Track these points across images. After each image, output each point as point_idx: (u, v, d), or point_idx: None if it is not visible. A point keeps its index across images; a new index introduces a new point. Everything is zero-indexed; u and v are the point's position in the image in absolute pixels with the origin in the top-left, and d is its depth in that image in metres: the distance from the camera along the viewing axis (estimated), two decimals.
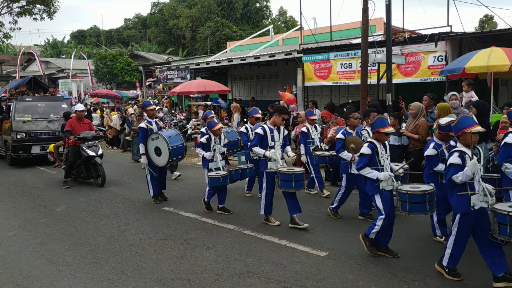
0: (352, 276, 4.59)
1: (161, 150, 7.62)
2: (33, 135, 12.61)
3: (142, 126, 7.88)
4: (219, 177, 6.82)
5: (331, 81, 14.02)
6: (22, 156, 12.54)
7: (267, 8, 48.99)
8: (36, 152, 12.60)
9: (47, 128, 12.93)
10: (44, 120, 13.07)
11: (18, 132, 12.46)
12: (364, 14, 10.63)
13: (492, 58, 8.15)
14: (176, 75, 20.39)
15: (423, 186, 5.08)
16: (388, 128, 5.20)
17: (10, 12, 26.26)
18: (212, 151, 7.16)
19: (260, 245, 5.60)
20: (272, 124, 6.43)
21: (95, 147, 9.68)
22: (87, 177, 9.93)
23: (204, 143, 7.16)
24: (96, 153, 9.57)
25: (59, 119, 12.75)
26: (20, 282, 4.72)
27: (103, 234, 6.26)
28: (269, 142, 6.30)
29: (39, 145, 12.61)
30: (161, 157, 7.66)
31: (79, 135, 9.57)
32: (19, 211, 7.71)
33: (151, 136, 7.73)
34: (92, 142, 9.72)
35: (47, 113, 13.35)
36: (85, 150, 9.49)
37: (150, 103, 8.55)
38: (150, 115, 8.11)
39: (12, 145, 12.50)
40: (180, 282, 4.58)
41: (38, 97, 14.27)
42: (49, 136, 12.69)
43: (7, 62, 40.89)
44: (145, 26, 53.94)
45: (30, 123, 12.77)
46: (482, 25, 42.80)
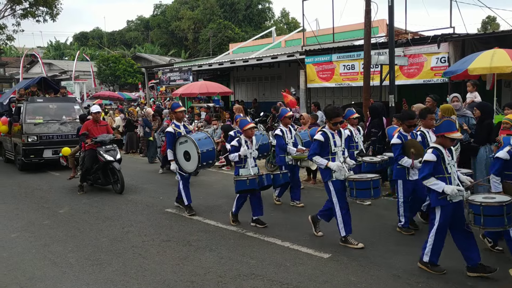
0: (355, 278, 4.58)
1: (190, 154, 7.00)
2: (45, 138, 11.94)
3: (169, 130, 7.30)
4: (245, 179, 6.14)
5: (334, 83, 14.01)
6: (33, 161, 11.88)
7: (269, 9, 49.02)
8: (48, 156, 11.95)
9: (60, 130, 12.24)
10: (56, 122, 12.32)
11: (29, 135, 11.80)
12: (366, 16, 10.63)
13: (495, 60, 8.13)
14: (178, 77, 20.42)
15: (498, 196, 4.55)
16: (456, 133, 4.64)
17: (13, 14, 26.38)
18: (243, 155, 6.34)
19: (263, 247, 5.60)
20: (331, 128, 5.65)
21: (113, 151, 9.11)
22: (105, 183, 9.35)
23: (236, 147, 6.38)
24: (114, 157, 8.99)
25: (72, 121, 12.34)
26: (24, 283, 4.73)
27: (106, 236, 6.27)
28: (332, 148, 5.55)
29: (51, 149, 11.97)
30: (190, 162, 7.04)
31: (96, 139, 9.02)
32: (22, 213, 7.73)
33: (179, 140, 7.14)
34: (110, 146, 9.14)
35: (59, 115, 12.64)
36: (102, 155, 8.94)
37: (179, 104, 7.73)
38: (179, 118, 7.46)
39: (23, 149, 11.79)
40: (183, 284, 4.58)
41: (49, 98, 13.56)
42: (61, 139, 12.01)
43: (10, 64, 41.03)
44: (148, 28, 54.06)
45: (42, 125, 12.08)
46: (484, 27, 42.70)
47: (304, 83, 14.77)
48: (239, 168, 6.39)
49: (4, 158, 14.13)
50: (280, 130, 7.47)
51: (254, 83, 21.76)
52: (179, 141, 7.14)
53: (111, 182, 9.26)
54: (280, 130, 7.48)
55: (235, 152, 6.33)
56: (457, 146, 6.93)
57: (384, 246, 5.49)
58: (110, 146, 9.13)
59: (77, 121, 11.87)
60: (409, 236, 5.89)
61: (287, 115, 7.60)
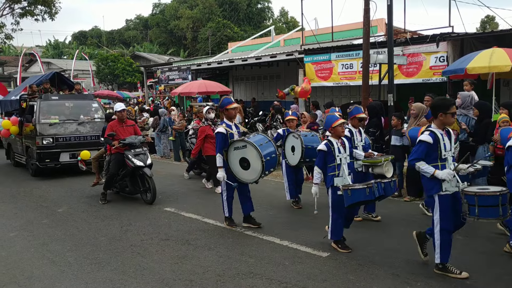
0: (354, 277, 4.58)
1: (249, 162, 5.95)
2: (61, 141, 10.75)
3: (220, 131, 6.13)
4: (363, 188, 4.88)
5: (332, 82, 14.01)
6: (49, 166, 10.61)
7: (268, 9, 49.04)
8: (65, 160, 10.74)
9: (77, 131, 11.03)
10: (73, 123, 11.11)
11: (44, 137, 10.55)
12: (365, 15, 10.62)
13: (494, 59, 8.14)
14: (177, 76, 20.41)
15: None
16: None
17: (12, 13, 26.33)
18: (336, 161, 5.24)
19: (261, 246, 5.60)
20: (440, 126, 4.56)
21: (143, 156, 8.05)
22: (133, 192, 8.35)
23: (325, 152, 5.26)
24: (145, 162, 7.93)
25: (91, 121, 11.33)
26: (22, 282, 4.73)
27: (104, 235, 6.27)
28: (442, 153, 4.48)
29: (69, 152, 10.77)
30: (249, 171, 6.00)
31: (124, 141, 7.98)
32: (21, 212, 7.72)
33: (234, 144, 6.05)
34: (140, 150, 8.10)
35: (76, 114, 11.42)
36: (131, 159, 7.89)
37: (231, 100, 6.34)
38: (231, 116, 6.28)
39: (37, 153, 10.53)
40: (182, 282, 4.58)
41: (64, 95, 12.25)
42: (79, 141, 10.92)
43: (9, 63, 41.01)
44: (147, 27, 54.04)
45: (58, 126, 10.85)
46: (483, 26, 42.73)
47: (302, 82, 14.76)
48: (333, 177, 5.22)
49: (13, 161, 13.04)
50: (349, 131, 6.31)
51: (253, 82, 21.75)
52: (234, 145, 6.06)
53: (140, 191, 8.18)
54: (349, 131, 6.31)
55: (323, 159, 5.28)
56: (457, 145, 6.94)
57: (383, 245, 5.49)
58: (139, 149, 8.11)
59: (96, 120, 11.32)
60: (408, 234, 5.89)
61: (359, 115, 6.39)
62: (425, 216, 6.68)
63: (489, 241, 5.50)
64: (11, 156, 13.18)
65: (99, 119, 11.39)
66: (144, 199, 8.08)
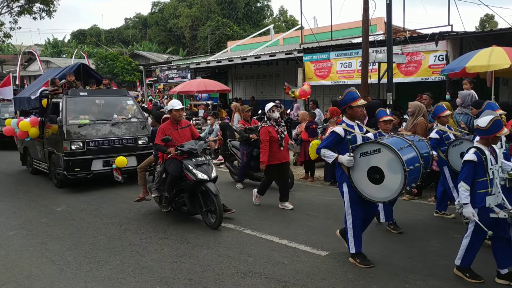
0: (353, 276, 4.59)
1: (383, 173, 4.48)
2: (92, 145, 9.00)
3: (337, 131, 4.82)
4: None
5: (331, 80, 14.02)
6: (79, 176, 8.90)
7: (268, 7, 48.99)
8: (98, 168, 9.04)
9: (111, 134, 9.31)
10: (106, 123, 9.38)
11: (73, 141, 8.83)
12: (364, 14, 10.63)
13: (493, 58, 8.15)
14: (176, 75, 20.39)
15: None
16: None
17: (10, 11, 26.29)
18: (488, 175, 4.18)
19: (260, 245, 5.60)
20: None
21: (207, 167, 6.41)
22: (192, 212, 6.70)
23: (475, 163, 4.16)
24: (209, 175, 6.32)
25: (126, 121, 9.67)
26: (21, 281, 4.72)
27: (103, 234, 6.26)
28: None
29: (102, 159, 9.06)
30: (381, 186, 4.53)
31: (182, 147, 6.42)
32: (20, 211, 7.71)
33: (362, 148, 4.62)
34: (202, 159, 6.49)
35: (108, 113, 9.76)
36: (191, 171, 6.28)
37: (357, 95, 4.95)
38: (356, 116, 4.99)
39: (65, 160, 8.79)
40: (181, 281, 4.58)
41: (95, 91, 10.45)
42: (114, 146, 9.22)
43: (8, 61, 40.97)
44: (146, 25, 53.97)
45: (88, 127, 9.11)
46: (482, 25, 42.74)
47: (302, 80, 14.76)
48: (484, 195, 4.17)
49: (31, 168, 11.28)
50: (437, 132, 5.74)
51: (252, 81, 21.75)
52: (361, 150, 4.63)
53: (202, 211, 6.51)
54: (437, 132, 5.76)
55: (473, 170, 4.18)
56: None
57: (382, 244, 5.49)
58: (202, 158, 6.50)
59: (132, 120, 9.75)
60: (407, 233, 5.90)
61: (443, 114, 5.98)
62: (425, 215, 6.69)
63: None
64: (28, 162, 11.52)
65: (136, 119, 9.88)
66: (206, 222, 6.43)
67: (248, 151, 8.81)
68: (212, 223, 6.31)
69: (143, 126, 9.79)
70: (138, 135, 9.56)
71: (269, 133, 7.11)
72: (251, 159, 8.80)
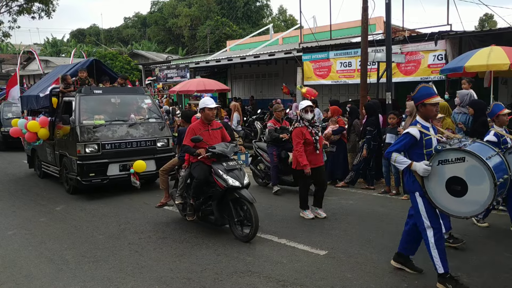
0: (351, 275, 4.59)
1: (466, 185, 3.93)
2: (108, 148, 8.30)
3: (412, 132, 4.24)
4: None
5: (331, 80, 14.02)
6: (94, 181, 8.18)
7: (267, 7, 49.03)
8: (114, 174, 8.33)
9: (129, 135, 8.58)
10: (123, 124, 8.66)
11: (87, 143, 8.14)
12: (364, 13, 10.63)
13: (492, 57, 8.16)
14: (175, 74, 20.39)
15: None
16: None
17: (9, 11, 26.28)
18: None
19: (259, 244, 5.60)
20: None
21: (238, 172, 5.79)
22: (220, 222, 5.97)
23: None
24: (241, 182, 5.69)
25: (145, 122, 8.93)
26: (20, 281, 4.72)
27: (102, 233, 6.26)
28: None
29: (118, 163, 8.35)
30: (464, 199, 3.96)
31: (213, 149, 5.81)
32: (19, 210, 7.71)
33: (442, 155, 4.03)
34: (234, 163, 5.89)
35: (124, 112, 9.04)
36: (222, 176, 5.68)
37: (433, 91, 4.41)
38: (430, 115, 4.38)
39: (79, 164, 8.08)
40: (179, 281, 4.58)
41: (110, 88, 9.61)
42: (131, 148, 8.52)
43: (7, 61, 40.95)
44: (145, 25, 53.97)
45: (104, 128, 8.40)
46: (482, 24, 42.80)
47: (301, 80, 14.77)
48: None
49: (40, 171, 10.58)
50: (495, 135, 5.41)
51: (252, 80, 21.75)
52: (440, 157, 4.04)
53: (232, 222, 5.83)
54: (495, 135, 5.43)
55: None
56: None
57: (381, 243, 5.50)
58: (233, 162, 5.91)
59: (151, 121, 9.04)
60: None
61: (502, 112, 5.54)
62: None
63: (486, 239, 5.51)
64: (37, 165, 10.84)
65: (154, 119, 9.17)
66: (235, 233, 5.78)
67: (278, 152, 8.36)
68: (245, 234, 5.65)
69: (162, 127, 9.12)
70: (157, 137, 8.86)
71: (302, 135, 6.51)
72: (280, 161, 8.38)
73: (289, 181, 8.34)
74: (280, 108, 8.82)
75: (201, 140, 5.84)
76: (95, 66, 10.62)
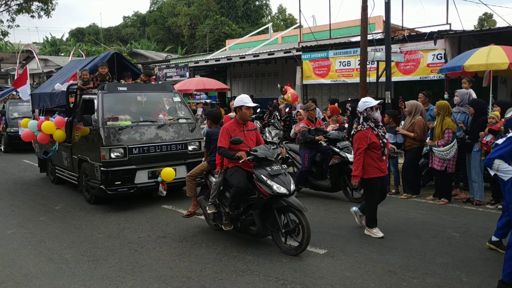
0: (350, 274, 4.60)
1: None
2: (136, 152, 7.37)
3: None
4: None
5: (330, 79, 14.03)
6: (120, 191, 7.27)
7: (266, 6, 49.00)
8: (142, 181, 7.42)
9: (158, 138, 7.67)
10: (151, 125, 7.76)
11: (112, 147, 7.20)
12: (363, 12, 10.64)
13: (491, 56, 8.16)
14: (175, 73, 20.38)
15: None
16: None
17: (8, 10, 26.24)
18: None
19: (259, 243, 5.60)
20: None
21: (284, 177, 5.22)
22: (262, 233, 5.43)
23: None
24: (288, 188, 5.12)
25: (174, 123, 8.00)
26: (19, 280, 4.72)
27: (102, 232, 6.26)
28: None
29: (147, 170, 7.45)
30: None
31: (255, 152, 5.24)
32: (18, 209, 7.71)
33: None
34: (278, 167, 5.29)
35: (151, 112, 8.23)
36: (265, 182, 5.11)
37: None
38: None
39: (103, 171, 7.15)
40: (179, 279, 4.59)
41: (135, 85, 8.57)
42: (161, 153, 7.60)
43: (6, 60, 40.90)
44: (144, 24, 53.93)
45: (131, 130, 7.49)
46: (481, 23, 42.78)
47: (300, 79, 14.78)
48: None
49: (54, 177, 9.69)
50: None
51: (251, 80, 21.75)
52: None
53: (276, 233, 5.30)
54: None
55: None
56: (454, 143, 6.98)
57: (380, 242, 5.50)
58: (277, 167, 5.30)
59: (181, 121, 8.13)
60: (405, 232, 5.91)
61: None
62: (423, 213, 6.70)
63: (485, 238, 5.52)
64: (49, 169, 9.96)
65: (185, 120, 8.26)
66: (280, 246, 5.26)
67: (311, 155, 7.77)
68: (293, 247, 5.14)
69: (192, 128, 8.19)
70: (188, 140, 7.97)
71: (367, 139, 5.54)
72: (314, 164, 7.85)
73: (325, 186, 7.77)
74: (312, 107, 8.17)
75: (241, 142, 5.31)
76: (116, 61, 9.58)
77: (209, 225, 6.21)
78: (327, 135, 7.02)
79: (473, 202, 7.15)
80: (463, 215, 6.53)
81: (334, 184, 7.65)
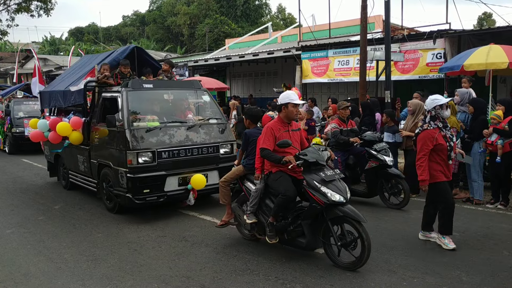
0: (350, 273, 4.59)
1: None
2: (165, 157, 6.68)
3: None
4: None
5: (327, 78, 14.02)
6: (149, 199, 6.56)
7: (266, 5, 48.98)
8: (172, 189, 6.73)
9: (189, 140, 6.97)
10: (180, 126, 7.04)
11: (140, 151, 6.48)
12: (363, 11, 10.63)
13: (491, 56, 8.16)
14: (174, 72, 20.34)
15: None
16: None
17: (7, 9, 26.20)
18: None
19: (258, 242, 5.59)
20: None
21: (338, 183, 4.75)
22: (312, 246, 4.94)
23: None
24: (345, 196, 4.65)
25: (205, 123, 7.30)
26: (18, 279, 4.71)
27: (101, 232, 6.25)
28: None
29: (178, 176, 6.77)
30: None
31: (305, 156, 4.74)
32: (18, 209, 7.70)
33: None
34: (331, 172, 4.80)
35: (178, 111, 7.53)
36: (319, 190, 4.62)
37: None
38: None
39: (130, 178, 6.44)
40: (179, 279, 4.58)
41: (162, 82, 7.80)
42: (192, 156, 6.93)
43: (5, 59, 40.81)
44: (143, 23, 53.89)
45: (160, 132, 6.78)
46: (480, 23, 42.81)
47: (300, 78, 14.77)
48: None
49: (66, 182, 8.96)
50: None
51: (250, 79, 21.74)
52: None
53: (328, 245, 4.82)
54: None
55: None
56: (458, 142, 6.96)
57: (380, 242, 5.50)
58: (330, 172, 4.82)
59: (212, 122, 7.45)
60: (405, 231, 5.91)
61: None
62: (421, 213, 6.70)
63: (484, 238, 5.52)
64: (62, 174, 9.19)
65: (215, 120, 7.57)
66: (335, 261, 4.76)
67: (343, 158, 7.34)
68: (351, 262, 4.64)
69: (223, 129, 7.53)
70: (220, 142, 7.28)
71: (434, 140, 5.08)
72: (347, 168, 7.39)
73: (360, 191, 7.30)
74: (344, 105, 7.48)
75: (290, 145, 4.77)
76: (137, 55, 8.68)
77: (241, 235, 5.75)
78: (363, 136, 6.85)
79: (473, 202, 7.15)
80: (463, 215, 6.53)
81: (370, 189, 7.23)
